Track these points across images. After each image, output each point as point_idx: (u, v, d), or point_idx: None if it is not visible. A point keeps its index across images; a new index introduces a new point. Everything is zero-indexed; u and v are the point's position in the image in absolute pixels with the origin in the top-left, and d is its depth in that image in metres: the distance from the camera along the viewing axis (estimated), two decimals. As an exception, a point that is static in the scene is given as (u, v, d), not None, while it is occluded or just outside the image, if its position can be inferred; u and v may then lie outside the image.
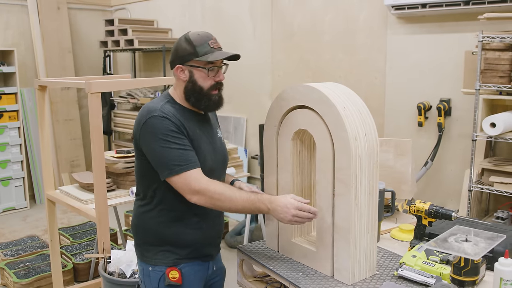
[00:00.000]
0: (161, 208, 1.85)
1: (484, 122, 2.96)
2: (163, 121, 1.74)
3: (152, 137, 1.74)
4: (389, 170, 2.42)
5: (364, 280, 1.78)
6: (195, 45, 1.79)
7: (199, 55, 1.78)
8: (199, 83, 1.82)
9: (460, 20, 3.44)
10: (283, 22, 4.62)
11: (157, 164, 1.76)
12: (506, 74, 2.93)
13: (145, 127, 1.76)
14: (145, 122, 1.76)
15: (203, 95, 1.83)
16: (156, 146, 1.73)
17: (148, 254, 1.88)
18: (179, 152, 1.73)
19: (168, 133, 1.73)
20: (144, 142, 1.77)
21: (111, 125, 6.02)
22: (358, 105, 1.77)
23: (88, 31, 6.45)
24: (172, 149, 1.72)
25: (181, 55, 1.81)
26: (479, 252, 1.52)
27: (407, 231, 2.21)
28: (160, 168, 1.75)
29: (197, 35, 1.81)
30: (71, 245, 4.14)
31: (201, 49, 1.78)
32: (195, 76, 1.81)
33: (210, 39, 1.82)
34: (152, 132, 1.74)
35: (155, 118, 1.74)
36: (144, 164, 1.83)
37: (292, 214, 1.71)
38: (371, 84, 4.01)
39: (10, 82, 5.57)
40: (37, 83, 3.02)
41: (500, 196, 3.27)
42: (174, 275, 1.85)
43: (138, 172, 1.91)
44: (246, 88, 5.04)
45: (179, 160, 1.72)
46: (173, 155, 1.72)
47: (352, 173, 1.68)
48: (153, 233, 1.87)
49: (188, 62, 1.81)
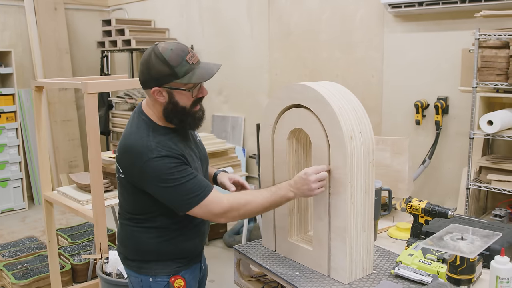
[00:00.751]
0: (160, 228, 1.78)
1: (482, 120, 2.96)
2: (164, 161, 1.62)
3: (159, 180, 1.63)
4: (386, 168, 2.42)
5: (361, 279, 1.78)
6: (173, 65, 1.61)
7: (180, 77, 1.62)
8: (181, 104, 1.68)
9: (457, 18, 3.44)
10: (280, 21, 4.61)
11: (172, 202, 1.67)
12: (503, 71, 2.92)
13: (147, 170, 1.63)
14: (145, 165, 1.63)
15: (186, 114, 1.71)
16: (166, 187, 1.64)
17: (146, 266, 1.81)
18: (190, 183, 1.64)
19: (173, 170, 1.63)
20: (149, 185, 1.67)
21: (109, 126, 6.02)
22: (354, 104, 1.77)
23: (85, 31, 6.44)
24: (183, 183, 1.63)
25: (157, 76, 1.63)
26: (474, 251, 1.52)
27: (404, 229, 2.21)
28: (177, 204, 1.67)
29: (170, 52, 1.61)
30: (70, 246, 4.14)
31: (180, 69, 1.62)
32: (176, 98, 1.67)
33: (186, 53, 1.63)
34: (157, 175, 1.62)
35: (154, 161, 1.62)
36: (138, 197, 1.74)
37: (313, 180, 1.66)
38: (368, 82, 4.01)
39: (7, 83, 5.56)
40: (34, 84, 3.01)
41: (498, 194, 3.27)
42: (180, 284, 1.81)
43: (129, 199, 1.81)
44: (243, 88, 5.04)
45: (193, 191, 1.64)
46: (187, 189, 1.64)
47: (348, 172, 1.67)
48: (152, 252, 1.80)
49: (167, 84, 1.64)
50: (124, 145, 1.72)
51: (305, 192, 1.69)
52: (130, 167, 1.69)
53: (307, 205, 2.02)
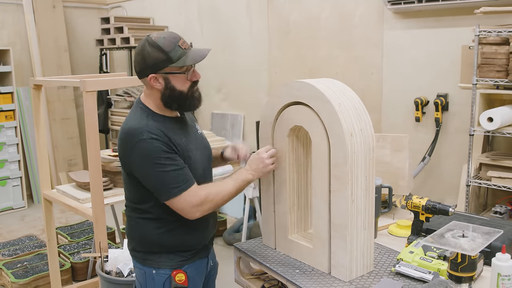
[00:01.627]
0: (161, 219, 1.81)
1: (482, 117, 2.95)
2: (153, 143, 1.67)
3: (145, 162, 1.68)
4: (386, 166, 2.41)
5: (362, 277, 1.77)
6: (167, 51, 1.69)
7: (174, 61, 1.70)
8: (178, 88, 1.75)
9: (457, 15, 3.43)
10: (279, 19, 4.60)
11: (155, 188, 1.72)
12: (503, 68, 2.91)
13: (136, 152, 1.69)
14: (135, 147, 1.68)
15: (184, 97, 1.78)
16: (151, 171, 1.68)
17: (151, 257, 1.84)
18: (175, 173, 1.69)
19: (161, 155, 1.67)
20: (137, 167, 1.72)
21: (108, 124, 6.01)
22: (354, 101, 1.76)
23: (84, 29, 6.43)
24: (168, 171, 1.67)
25: (153, 63, 1.71)
26: (476, 248, 1.51)
27: (404, 227, 2.20)
28: (158, 191, 1.71)
29: (163, 39, 1.71)
30: (69, 244, 4.13)
31: (174, 53, 1.70)
32: (172, 82, 1.74)
33: (178, 39, 1.73)
34: (144, 156, 1.68)
35: (144, 142, 1.67)
36: (136, 184, 1.78)
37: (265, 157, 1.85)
38: (368, 80, 4.00)
39: (6, 81, 5.55)
40: (32, 82, 3.00)
41: (498, 191, 3.26)
42: (181, 278, 1.83)
43: (130, 190, 1.85)
44: (243, 85, 5.03)
45: (176, 181, 1.69)
46: (170, 178, 1.68)
47: (348, 169, 1.67)
48: (155, 243, 1.83)
49: (163, 70, 1.72)
50: (121, 130, 1.78)
51: (261, 169, 1.85)
52: (123, 151, 1.75)
53: (307, 203, 2.01)
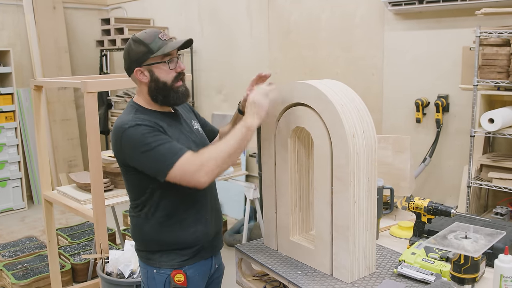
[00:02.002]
0: (159, 215, 1.82)
1: (482, 118, 2.95)
2: (138, 129, 1.70)
3: (134, 147, 1.70)
4: (387, 167, 2.41)
5: (364, 278, 1.77)
6: (147, 43, 1.76)
7: (155, 51, 1.76)
8: (162, 79, 1.79)
9: (458, 16, 3.43)
10: (280, 19, 4.60)
11: (151, 169, 1.71)
12: (504, 69, 2.91)
13: (124, 142, 1.72)
14: (122, 137, 1.72)
15: (168, 89, 1.80)
16: (142, 154, 1.69)
17: (152, 257, 1.86)
18: (164, 147, 1.68)
19: (146, 136, 1.68)
20: (129, 156, 1.73)
21: (108, 125, 6.01)
22: (356, 102, 1.76)
23: (84, 30, 6.43)
24: (157, 147, 1.67)
25: (136, 57, 1.78)
26: (479, 249, 1.51)
27: (406, 228, 2.20)
28: (156, 171, 1.70)
29: (144, 34, 1.79)
30: (70, 246, 4.13)
31: (154, 44, 1.76)
32: (156, 74, 1.79)
33: (158, 32, 1.80)
34: (132, 142, 1.70)
35: (129, 129, 1.70)
36: (132, 177, 1.81)
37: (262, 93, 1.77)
38: (368, 80, 4.00)
39: (6, 82, 5.55)
40: (33, 83, 3.00)
41: (499, 192, 3.26)
42: (180, 278, 1.84)
43: (129, 186, 1.88)
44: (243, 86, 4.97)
45: (168, 152, 1.67)
46: (161, 153, 1.67)
47: (350, 170, 1.66)
48: (155, 241, 1.85)
49: (146, 62, 1.77)
50: (112, 129, 1.81)
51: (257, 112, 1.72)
52: (115, 146, 1.78)
53: (309, 204, 2.01)
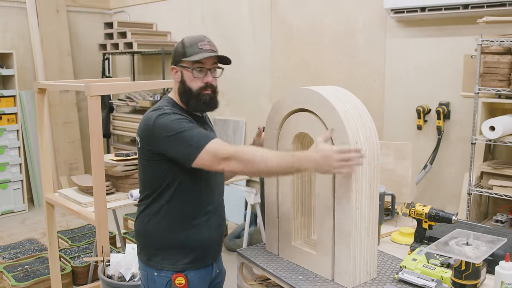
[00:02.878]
0: (167, 213, 1.84)
1: (483, 126, 2.96)
2: (171, 115, 1.76)
3: (166, 130, 1.73)
4: (389, 173, 2.42)
5: (365, 284, 1.78)
6: (186, 46, 1.84)
7: (187, 55, 1.83)
8: (188, 84, 1.85)
9: (459, 24, 3.45)
10: (283, 24, 4.62)
11: (182, 151, 1.71)
12: (505, 77, 2.93)
13: (155, 127, 1.75)
14: (156, 120, 1.76)
15: (192, 95, 1.85)
16: (173, 135, 1.72)
17: (154, 258, 1.87)
18: (196, 131, 1.73)
19: (180, 121, 1.74)
20: (160, 138, 1.75)
21: (110, 128, 6.02)
22: (359, 109, 1.78)
23: (87, 34, 6.45)
24: (188, 130, 1.72)
25: (174, 56, 1.88)
26: (480, 256, 1.52)
27: (407, 234, 2.21)
28: (186, 152, 1.71)
29: (191, 37, 1.87)
30: (70, 248, 4.13)
31: (190, 49, 1.83)
32: (185, 77, 1.85)
33: (201, 40, 1.85)
34: (166, 125, 1.74)
35: (162, 116, 1.76)
36: (149, 168, 1.84)
37: (336, 159, 1.58)
38: (370, 87, 4.02)
39: (8, 84, 5.56)
40: (37, 86, 3.01)
41: (499, 200, 3.27)
42: (181, 281, 1.85)
43: (145, 178, 1.89)
44: (245, 91, 5.04)
45: (198, 137, 1.71)
46: (193, 135, 1.71)
47: (353, 176, 1.67)
48: (161, 238, 1.86)
49: (179, 63, 1.86)
50: (143, 116, 1.86)
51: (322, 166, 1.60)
52: (145, 128, 1.80)
53: (311, 209, 2.02)
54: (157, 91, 5.54)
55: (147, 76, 6.29)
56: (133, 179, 3.03)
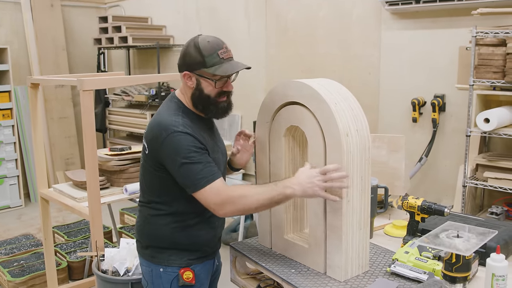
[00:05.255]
0: (176, 214, 1.84)
1: (478, 118, 2.95)
2: (187, 137, 1.71)
3: (177, 153, 1.70)
4: (382, 166, 2.41)
5: (357, 277, 1.77)
6: (204, 55, 1.74)
7: (207, 66, 1.75)
8: (206, 92, 1.79)
9: (454, 16, 3.44)
10: (277, 17, 4.60)
11: (183, 179, 1.72)
12: (500, 69, 2.92)
13: (168, 142, 1.71)
14: (167, 138, 1.71)
15: (210, 103, 1.81)
16: (181, 162, 1.69)
17: (159, 255, 1.87)
18: (203, 165, 1.70)
19: (192, 149, 1.70)
20: (168, 158, 1.73)
21: (105, 123, 6.00)
22: (350, 101, 1.76)
23: (82, 28, 6.42)
24: (197, 163, 1.69)
25: (189, 62, 1.77)
26: (470, 248, 1.51)
27: (400, 227, 2.21)
28: (186, 182, 1.72)
29: (207, 43, 1.76)
30: (66, 243, 4.13)
31: (210, 59, 1.74)
32: (202, 85, 1.79)
33: (220, 48, 1.77)
34: (176, 148, 1.70)
35: (178, 134, 1.71)
36: (158, 177, 1.81)
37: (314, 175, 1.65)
38: (365, 79, 4.00)
39: (3, 80, 5.54)
40: (30, 80, 3.00)
41: (495, 192, 3.27)
42: (188, 276, 1.85)
43: (151, 184, 1.87)
44: (240, 85, 4.99)
45: (204, 173, 1.70)
46: (199, 170, 1.69)
47: (344, 169, 1.67)
48: (167, 239, 1.85)
49: (196, 71, 1.77)
50: (153, 121, 1.81)
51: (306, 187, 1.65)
52: (155, 139, 1.76)
53: (303, 203, 2.01)
54: (152, 85, 5.52)
55: (142, 70, 6.27)
56: (128, 173, 3.02)
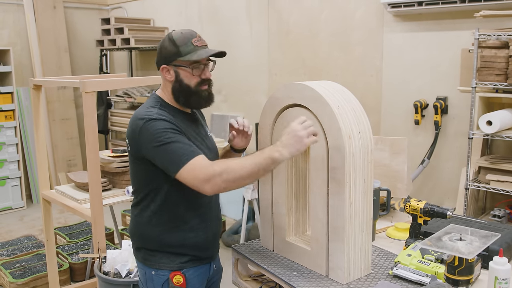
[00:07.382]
0: (162, 214, 1.82)
1: (481, 120, 2.95)
2: (159, 122, 1.71)
3: (152, 139, 1.70)
4: (384, 168, 2.41)
5: (359, 279, 1.77)
6: (178, 45, 1.79)
7: (183, 55, 1.78)
8: (186, 82, 1.81)
9: (457, 18, 3.44)
10: (279, 20, 4.60)
11: (163, 162, 1.71)
12: (502, 71, 2.91)
13: (144, 131, 1.71)
14: (143, 127, 1.71)
15: (191, 92, 1.82)
16: (158, 145, 1.69)
17: (151, 258, 1.86)
18: (181, 145, 1.69)
19: (168, 131, 1.70)
20: (146, 146, 1.72)
21: (107, 124, 6.01)
22: (352, 103, 1.76)
23: (85, 30, 6.43)
24: (173, 143, 1.68)
25: (165, 55, 1.81)
26: (473, 251, 1.51)
27: (402, 229, 2.20)
28: (167, 165, 1.70)
29: (180, 34, 1.81)
30: (68, 245, 4.13)
31: (184, 48, 1.78)
32: (181, 76, 1.82)
33: (193, 37, 1.81)
34: (151, 134, 1.70)
35: (150, 121, 1.71)
36: (142, 171, 1.81)
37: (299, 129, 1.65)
38: (367, 82, 4.00)
39: (6, 81, 5.56)
40: (32, 82, 3.00)
41: (497, 194, 3.26)
42: (179, 280, 1.84)
43: (136, 179, 1.88)
44: (242, 87, 5.03)
45: (182, 152, 1.67)
46: (176, 149, 1.68)
47: (346, 171, 1.67)
48: (156, 240, 1.84)
49: (173, 62, 1.81)
50: (130, 119, 1.82)
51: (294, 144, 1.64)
52: (133, 133, 1.77)
53: (306, 205, 2.01)
54: (155, 87, 5.52)
55: (145, 72, 6.28)
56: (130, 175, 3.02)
